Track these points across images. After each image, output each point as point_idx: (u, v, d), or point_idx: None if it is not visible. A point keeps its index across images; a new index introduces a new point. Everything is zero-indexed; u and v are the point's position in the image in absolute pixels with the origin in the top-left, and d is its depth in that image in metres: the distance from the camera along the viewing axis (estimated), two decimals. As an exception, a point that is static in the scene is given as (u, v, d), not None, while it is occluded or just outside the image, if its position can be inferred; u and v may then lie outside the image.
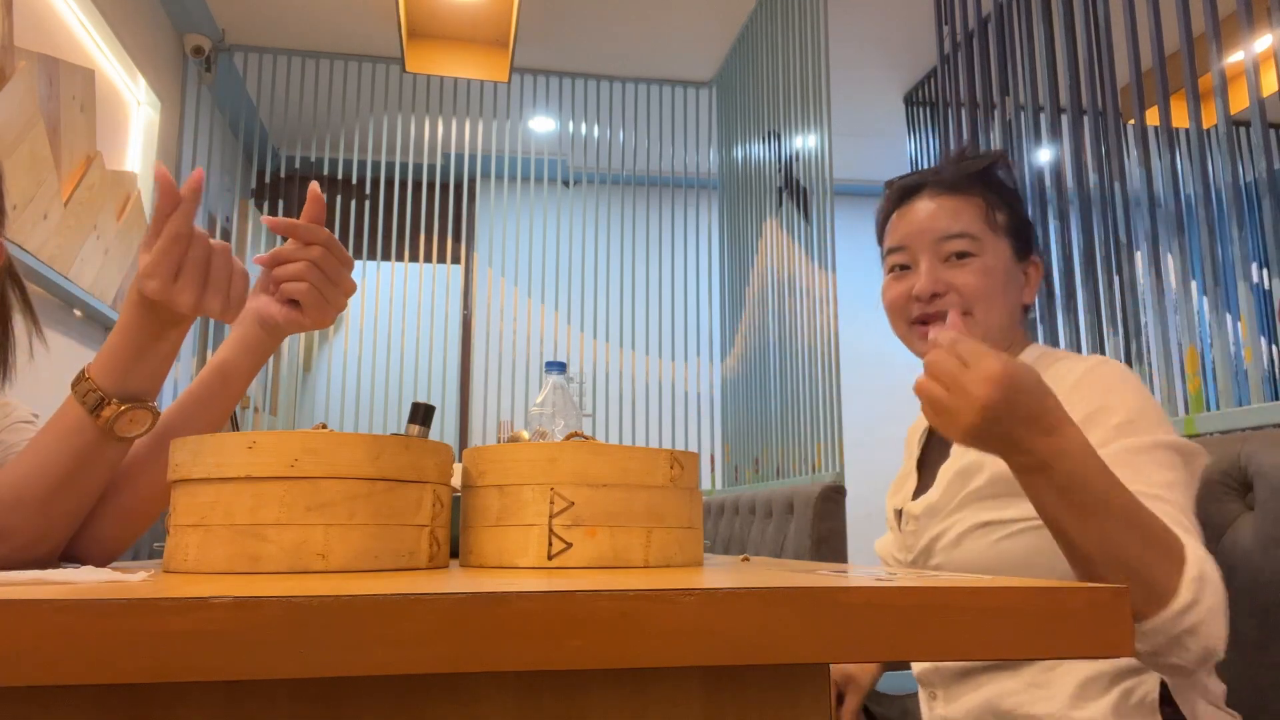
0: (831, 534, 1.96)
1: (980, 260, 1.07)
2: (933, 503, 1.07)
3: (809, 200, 3.02)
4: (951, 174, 1.13)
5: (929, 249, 1.09)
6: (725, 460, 3.94)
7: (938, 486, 1.07)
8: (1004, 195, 1.12)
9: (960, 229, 1.08)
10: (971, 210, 1.09)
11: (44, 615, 0.41)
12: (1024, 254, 1.12)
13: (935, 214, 1.10)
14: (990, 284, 1.07)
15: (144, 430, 0.86)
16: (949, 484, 1.05)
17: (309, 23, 3.69)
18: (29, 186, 2.29)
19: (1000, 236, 1.09)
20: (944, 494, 1.05)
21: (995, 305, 1.07)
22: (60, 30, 2.51)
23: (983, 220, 1.09)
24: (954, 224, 1.08)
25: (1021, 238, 1.11)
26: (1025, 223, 1.13)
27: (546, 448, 0.72)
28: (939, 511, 1.06)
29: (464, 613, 0.44)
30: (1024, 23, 2.44)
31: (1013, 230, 1.10)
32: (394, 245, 4.30)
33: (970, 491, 1.02)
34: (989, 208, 1.09)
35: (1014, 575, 0.66)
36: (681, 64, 4.04)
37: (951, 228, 1.08)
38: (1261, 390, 1.62)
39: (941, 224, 1.09)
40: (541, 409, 1.39)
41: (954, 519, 1.04)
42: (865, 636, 0.48)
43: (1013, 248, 1.10)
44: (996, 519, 0.99)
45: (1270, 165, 1.60)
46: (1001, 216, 1.10)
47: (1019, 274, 1.11)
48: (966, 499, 1.02)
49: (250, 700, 0.49)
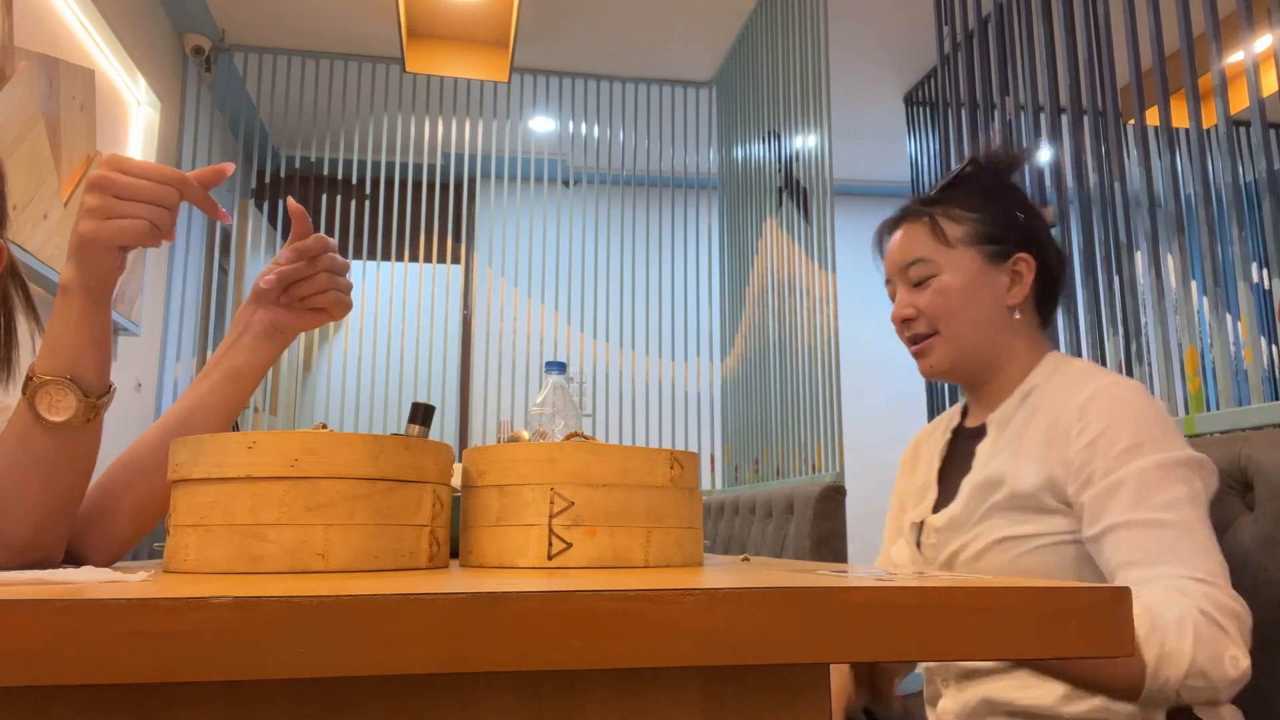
0: (831, 534, 1.96)
1: (938, 279, 1.11)
2: (955, 515, 1.07)
3: (809, 200, 3.02)
4: (914, 203, 1.18)
5: (901, 276, 1.16)
6: (725, 460, 3.94)
7: (960, 499, 1.07)
8: (970, 205, 1.13)
9: (914, 255, 1.13)
10: (921, 233, 1.14)
11: (44, 615, 0.41)
12: (1002, 256, 1.12)
13: (896, 244, 1.17)
14: (949, 300, 1.10)
15: (70, 414, 0.82)
16: (970, 496, 1.05)
17: (309, 23, 3.69)
18: (29, 186, 2.29)
19: (960, 248, 1.11)
20: (966, 506, 1.06)
21: (961, 318, 1.10)
22: (60, 30, 2.51)
23: (934, 240, 1.13)
24: (909, 251, 1.14)
25: (996, 241, 1.12)
26: (1004, 225, 1.13)
27: (546, 448, 0.72)
28: (962, 524, 1.06)
29: (464, 613, 0.44)
30: (1024, 23, 2.44)
31: (980, 237, 1.12)
32: (394, 245, 4.30)
33: (992, 504, 1.02)
34: (937, 226, 1.13)
35: None
36: (681, 64, 4.04)
37: (908, 255, 1.14)
38: (1261, 390, 1.62)
39: (900, 253, 1.16)
40: (541, 409, 1.39)
41: (976, 532, 1.04)
42: (865, 636, 0.48)
43: (983, 254, 1.12)
44: (1017, 534, 1.00)
45: (1270, 165, 1.60)
46: (960, 229, 1.12)
47: (997, 278, 1.12)
48: (988, 512, 1.03)
49: (250, 700, 0.49)
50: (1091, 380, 1.02)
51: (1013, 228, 1.14)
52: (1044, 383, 1.08)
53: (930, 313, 1.12)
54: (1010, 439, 1.06)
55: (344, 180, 4.19)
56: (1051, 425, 1.02)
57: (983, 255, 1.12)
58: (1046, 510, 1.00)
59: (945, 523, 1.08)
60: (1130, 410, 0.97)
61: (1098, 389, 1.00)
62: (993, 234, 1.12)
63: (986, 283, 1.11)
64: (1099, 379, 1.02)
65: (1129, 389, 1.00)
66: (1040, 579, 0.94)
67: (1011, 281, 1.12)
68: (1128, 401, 0.98)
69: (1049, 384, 1.08)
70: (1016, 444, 1.05)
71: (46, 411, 0.82)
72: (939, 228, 1.13)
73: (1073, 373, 1.07)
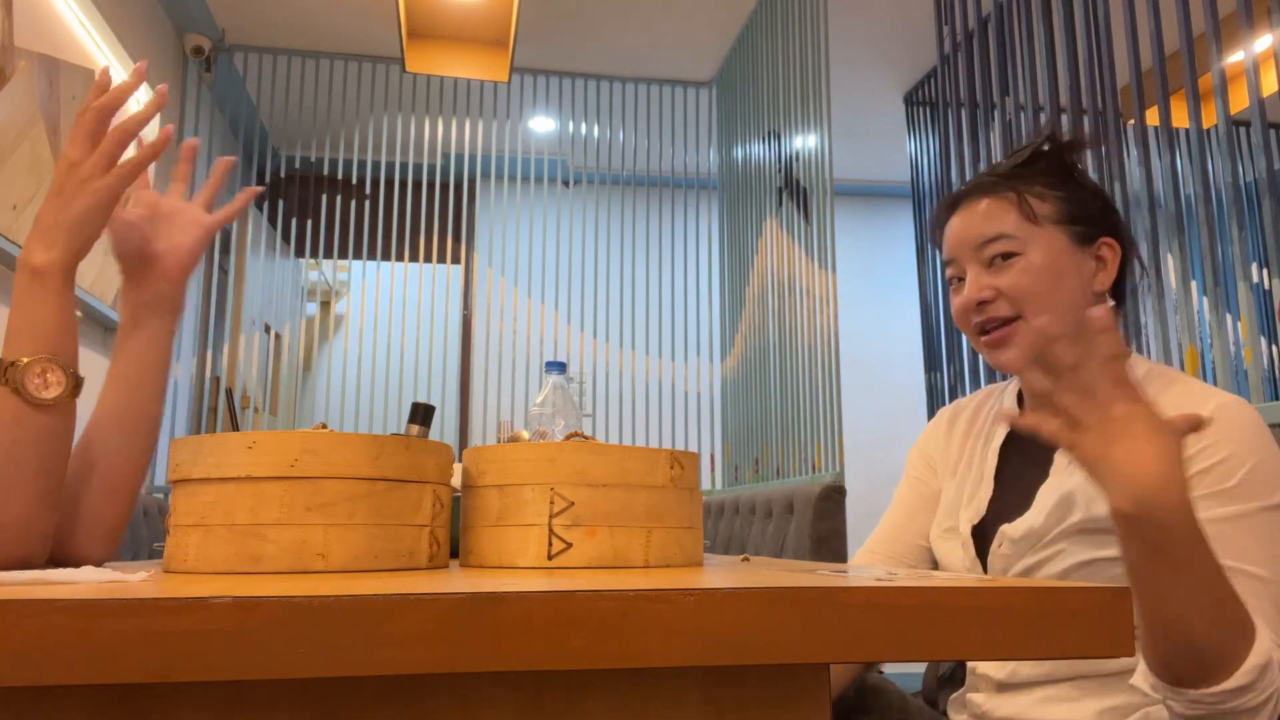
0: (831, 534, 1.96)
1: (1024, 258, 1.02)
2: (1034, 528, 0.99)
3: (809, 200, 3.02)
4: (988, 176, 1.09)
5: (972, 257, 1.06)
6: (725, 460, 3.94)
7: (1039, 510, 0.99)
8: (1052, 183, 1.06)
9: (995, 231, 1.04)
10: (1005, 209, 1.05)
11: (44, 615, 0.41)
12: (1089, 239, 1.05)
13: (971, 221, 1.07)
14: (1037, 281, 1.02)
15: (61, 389, 0.84)
16: (1052, 510, 0.98)
17: (309, 23, 3.69)
18: (29, 186, 2.29)
19: (1047, 227, 1.03)
20: (1047, 520, 0.98)
21: (1049, 302, 1.02)
22: (60, 30, 2.51)
23: (1019, 216, 1.04)
24: (989, 227, 1.05)
25: (1082, 222, 1.05)
26: (1087, 206, 1.06)
27: (546, 448, 0.72)
28: (1040, 539, 0.99)
29: (464, 613, 0.44)
30: (1024, 23, 2.44)
31: (1066, 217, 1.04)
32: (394, 245, 4.30)
33: (1075, 523, 0.96)
34: (1025, 202, 1.04)
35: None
36: (681, 64, 4.04)
37: (987, 231, 1.05)
38: (1261, 390, 1.62)
39: (976, 229, 1.06)
40: (541, 409, 1.39)
41: (1054, 550, 0.98)
42: (865, 636, 0.48)
43: (1070, 235, 1.04)
44: (1103, 556, 0.94)
45: (1270, 165, 1.60)
46: (1046, 206, 1.04)
47: (1084, 261, 1.04)
48: (1069, 530, 0.96)
49: (250, 700, 0.49)
50: (1207, 396, 0.94)
51: (1098, 210, 1.06)
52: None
53: (1013, 294, 1.02)
54: None
55: (344, 180, 4.19)
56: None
57: (1070, 236, 1.04)
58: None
59: (1023, 534, 1.00)
60: (1257, 440, 0.90)
61: (1221, 407, 0.92)
62: (1079, 215, 1.05)
63: (1074, 265, 1.03)
64: (1215, 396, 0.94)
65: (1249, 411, 0.92)
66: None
67: (1097, 266, 1.05)
68: (1255, 430, 0.90)
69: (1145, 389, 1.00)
70: None
71: (38, 391, 0.83)
72: (1026, 203, 1.04)
73: (1174, 380, 0.99)
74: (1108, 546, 0.94)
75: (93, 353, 2.81)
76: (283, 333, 4.52)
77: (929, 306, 3.26)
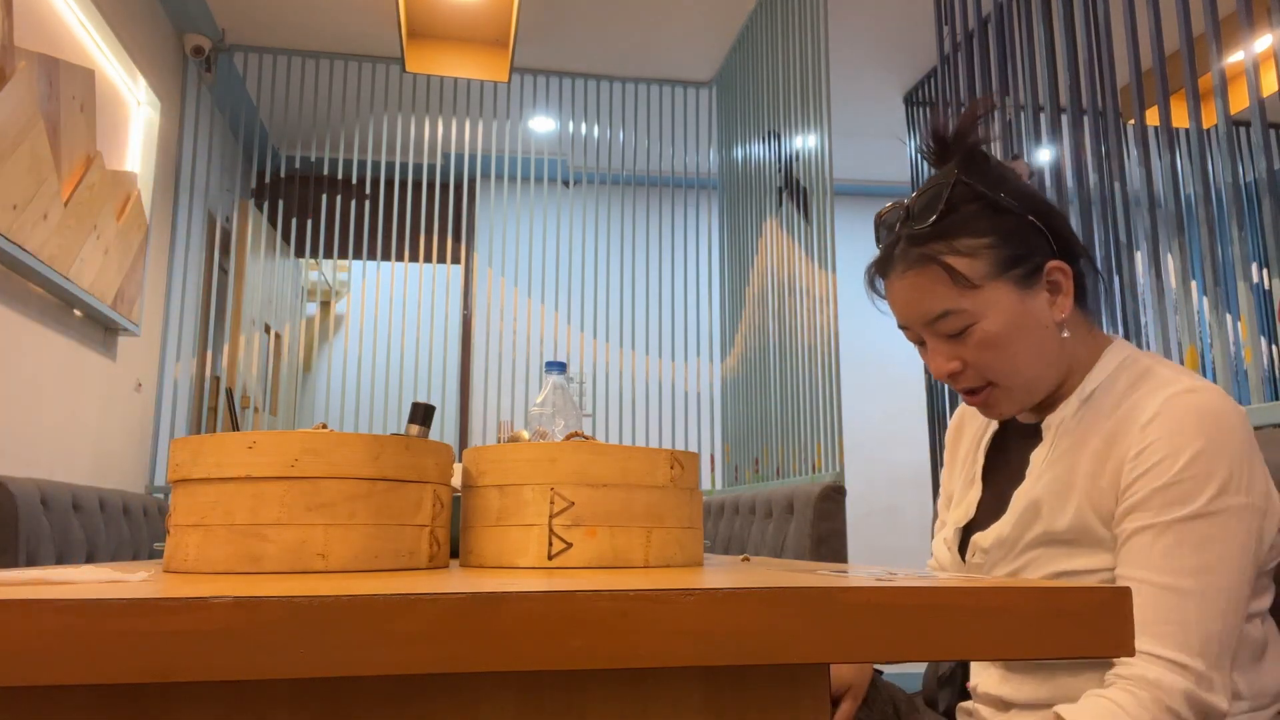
0: (831, 534, 1.96)
1: (978, 327, 0.95)
2: (1004, 537, 0.97)
3: (809, 200, 3.02)
4: (904, 243, 0.98)
5: (924, 330, 0.99)
6: (725, 460, 3.94)
7: (1010, 518, 0.98)
8: (974, 229, 0.95)
9: (939, 309, 0.96)
10: (936, 281, 0.95)
11: (44, 615, 0.41)
12: (1035, 271, 0.96)
13: (908, 298, 0.98)
14: (999, 351, 0.95)
15: None
16: (1020, 516, 0.96)
17: (309, 23, 3.69)
18: (29, 186, 2.29)
19: (989, 285, 0.94)
20: (1015, 528, 0.96)
21: (1016, 362, 0.95)
22: (60, 30, 2.51)
23: (955, 288, 0.94)
24: (929, 304, 0.96)
25: (1022, 261, 0.95)
26: (1020, 238, 0.96)
27: (546, 448, 0.72)
28: (1010, 549, 0.97)
29: (464, 613, 0.44)
30: (1024, 23, 2.44)
31: (1004, 264, 0.95)
32: (394, 245, 4.30)
33: (1044, 533, 0.94)
34: (954, 272, 0.94)
35: None
36: (681, 64, 4.04)
37: (929, 309, 0.96)
38: (1261, 390, 1.62)
39: (916, 308, 0.98)
40: (541, 409, 1.39)
41: (1024, 560, 0.96)
42: (865, 636, 0.48)
43: (1015, 282, 0.95)
44: (1072, 569, 0.92)
45: (1270, 165, 1.60)
46: (979, 264, 0.94)
47: (1037, 300, 0.96)
48: (1038, 540, 0.94)
49: (250, 700, 0.49)
50: (1160, 389, 0.90)
51: (1031, 232, 0.96)
52: (1107, 383, 0.97)
53: (979, 365, 0.96)
54: (1067, 451, 0.96)
55: (344, 180, 4.19)
56: (1110, 442, 0.92)
57: (1015, 283, 0.95)
58: (1092, 544, 0.92)
59: (992, 543, 0.99)
60: (1198, 438, 0.86)
61: (1166, 402, 0.88)
62: (1016, 254, 0.95)
63: (1029, 311, 0.95)
64: (1168, 387, 0.89)
65: (1199, 401, 0.87)
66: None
67: (1052, 296, 0.97)
68: (1197, 426, 0.86)
69: (1113, 386, 0.97)
70: (1070, 460, 0.95)
71: None
72: (954, 271, 0.94)
73: (1139, 375, 0.95)
74: (1078, 558, 0.92)
75: (93, 353, 2.81)
76: (283, 333, 4.52)
77: (929, 306, 3.26)
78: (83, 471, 2.77)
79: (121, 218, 2.91)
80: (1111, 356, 0.99)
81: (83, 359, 2.74)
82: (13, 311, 2.32)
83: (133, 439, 3.22)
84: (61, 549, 2.00)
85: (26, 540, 1.84)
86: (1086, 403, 0.97)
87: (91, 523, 2.16)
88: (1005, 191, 0.97)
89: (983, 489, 1.07)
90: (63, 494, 2.05)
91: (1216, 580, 0.83)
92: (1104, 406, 0.95)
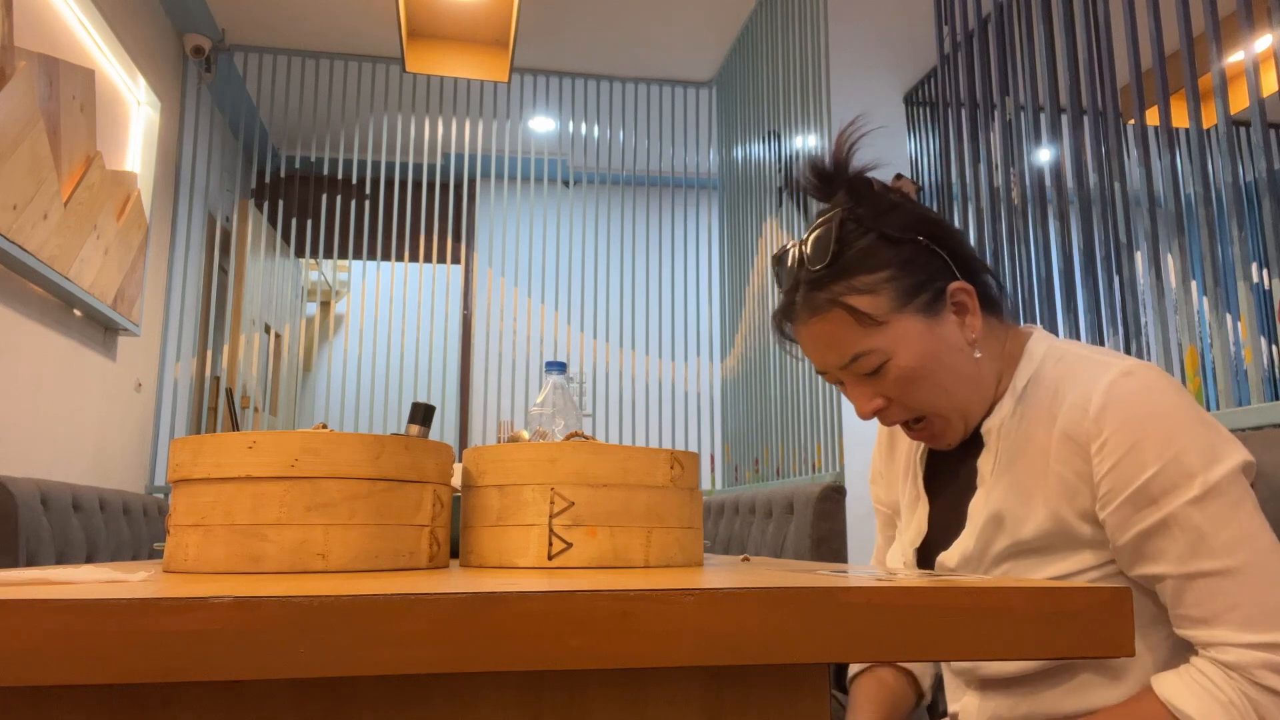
0: (831, 534, 1.96)
1: (892, 363, 0.93)
2: (969, 554, 0.95)
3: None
4: (802, 288, 0.96)
5: (841, 374, 0.97)
6: (725, 460, 3.94)
7: (971, 532, 0.95)
8: (870, 264, 0.93)
9: (849, 353, 0.94)
10: (841, 325, 0.93)
11: (44, 615, 0.41)
12: (939, 296, 0.94)
13: (816, 346, 0.96)
14: (917, 382, 0.93)
15: None
16: (982, 530, 0.94)
17: (309, 23, 3.69)
18: (29, 186, 2.29)
19: (894, 319, 0.93)
20: (979, 542, 0.94)
21: (940, 388, 0.94)
22: (60, 30, 2.51)
23: (859, 329, 0.93)
24: (840, 349, 0.94)
25: (923, 288, 0.94)
26: (916, 264, 0.94)
27: (546, 448, 0.72)
28: (978, 565, 0.95)
29: (464, 613, 0.44)
30: (1024, 23, 2.44)
31: (905, 294, 0.93)
32: (394, 245, 4.30)
33: (1011, 544, 0.92)
34: (856, 312, 0.92)
35: None
36: (681, 64, 4.04)
37: (840, 354, 0.94)
38: (1261, 390, 1.62)
39: (827, 356, 0.96)
40: (541, 409, 1.39)
41: (998, 571, 0.94)
42: (865, 636, 0.48)
43: (919, 310, 0.93)
44: (1050, 576, 0.90)
45: (1270, 165, 1.60)
46: (881, 300, 0.92)
47: (946, 324, 0.94)
48: (1006, 553, 0.92)
49: (250, 700, 0.49)
50: (1096, 375, 0.88)
51: (926, 256, 0.95)
52: (1037, 376, 0.95)
53: (904, 400, 0.95)
54: (1015, 455, 0.94)
55: (344, 180, 4.19)
56: (1063, 439, 0.89)
57: (920, 311, 0.93)
58: (1070, 546, 0.90)
59: (959, 562, 0.96)
60: (1155, 419, 0.84)
61: (1109, 388, 0.86)
62: (915, 282, 0.93)
63: (940, 337, 0.94)
64: (1106, 372, 0.88)
65: (1142, 382, 0.86)
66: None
67: (960, 316, 0.95)
68: (1150, 407, 0.85)
69: (1044, 378, 0.95)
70: (1023, 463, 0.93)
71: None
72: (858, 312, 0.92)
73: (1071, 363, 0.93)
74: (1051, 565, 0.90)
75: (93, 353, 2.81)
76: (283, 333, 4.52)
77: (929, 306, 3.26)
78: (83, 471, 2.77)
79: (121, 218, 2.91)
80: (1035, 348, 0.97)
81: (83, 359, 2.74)
82: (13, 311, 2.32)
83: (133, 439, 3.22)
84: (61, 549, 2.00)
85: (26, 540, 1.84)
86: (1021, 400, 0.95)
87: (91, 523, 2.16)
88: (895, 219, 0.96)
89: (929, 502, 1.04)
90: (63, 494, 2.05)
91: (1254, 545, 0.81)
92: (1041, 400, 0.93)
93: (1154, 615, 0.88)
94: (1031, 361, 0.96)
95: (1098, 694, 0.89)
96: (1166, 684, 0.82)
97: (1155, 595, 0.87)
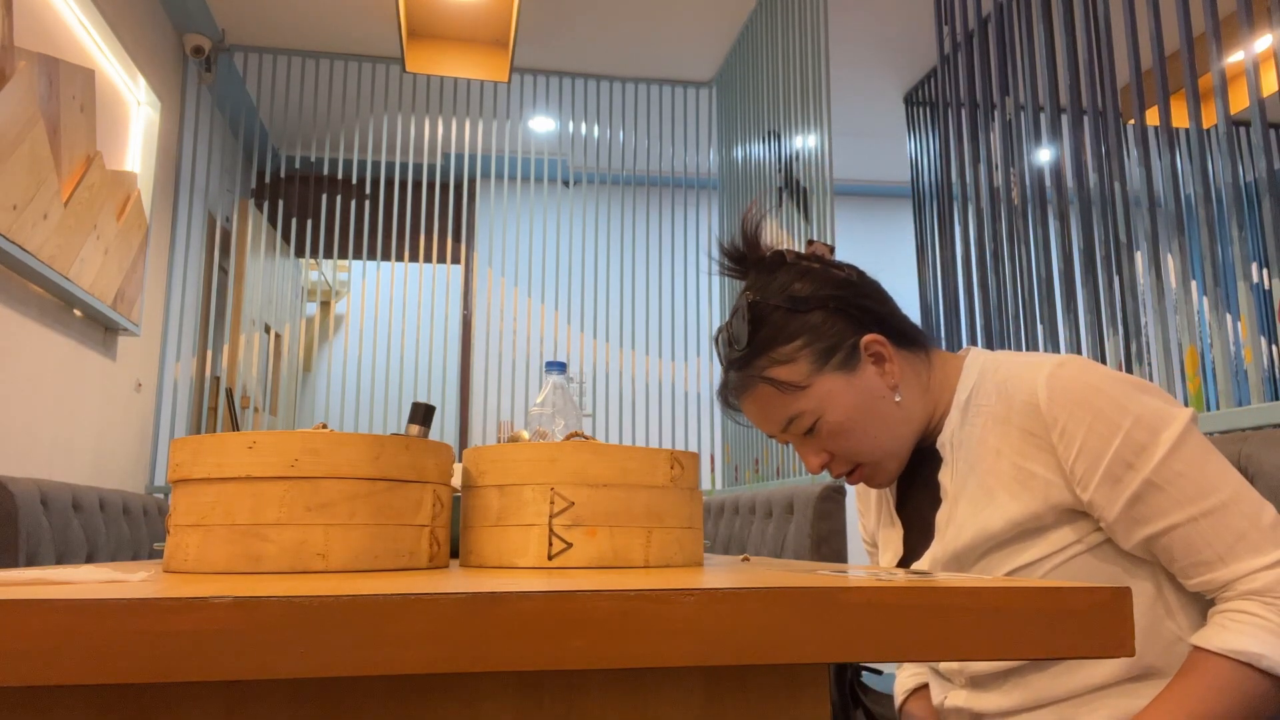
0: (831, 534, 1.96)
1: (822, 421, 1.00)
2: (938, 557, 0.99)
3: (809, 200, 3.02)
4: (733, 368, 1.05)
5: (785, 436, 1.05)
6: (725, 460, 3.94)
7: (939, 542, 0.99)
8: (783, 336, 1.01)
9: (782, 419, 1.02)
10: (769, 397, 1.02)
11: (44, 615, 0.41)
12: (854, 352, 1.01)
13: (756, 416, 1.06)
14: (848, 435, 1.00)
15: None
16: (951, 537, 0.98)
17: (309, 23, 3.69)
18: (29, 186, 2.29)
19: (816, 381, 1.00)
20: (947, 548, 0.98)
21: (869, 437, 1.01)
22: (60, 30, 2.51)
23: (784, 397, 1.01)
24: (774, 416, 1.03)
25: (836, 350, 1.01)
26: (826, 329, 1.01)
27: (546, 448, 0.72)
28: (958, 565, 0.98)
29: (464, 613, 0.44)
30: (1024, 23, 2.44)
31: (820, 358, 1.00)
32: (394, 245, 4.30)
33: (981, 541, 0.95)
34: (779, 383, 1.01)
35: None
36: (681, 64, 4.04)
37: (775, 421, 1.03)
38: (1261, 390, 1.62)
39: (768, 423, 1.04)
40: (541, 409, 1.39)
41: (976, 569, 0.97)
42: (865, 636, 0.48)
43: (837, 368, 1.00)
44: (1025, 562, 0.94)
45: (1270, 165, 1.60)
46: (799, 368, 1.00)
47: (866, 375, 1.01)
48: (977, 551, 0.96)
49: (250, 700, 0.49)
50: (1035, 373, 0.94)
51: (838, 321, 1.02)
52: (978, 386, 1.01)
53: (842, 452, 1.02)
54: (972, 461, 0.98)
55: (344, 180, 4.19)
56: (1023, 435, 0.94)
57: (838, 369, 1.00)
58: (1041, 530, 0.93)
59: (929, 566, 1.00)
60: (1100, 394, 0.90)
61: (1050, 381, 0.92)
62: (828, 345, 1.01)
63: (861, 389, 1.00)
64: (1041, 369, 0.94)
65: (1076, 367, 0.93)
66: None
67: (878, 367, 1.02)
68: (1092, 386, 0.91)
69: (984, 386, 1.00)
70: (982, 468, 0.97)
71: None
72: (780, 383, 1.00)
73: (1008, 369, 0.99)
74: (1025, 552, 0.94)
75: (93, 353, 2.81)
76: (283, 333, 4.52)
77: (929, 307, 3.26)
78: (83, 471, 2.77)
79: (121, 218, 2.91)
80: (972, 364, 1.03)
81: (83, 359, 2.74)
82: (13, 311, 2.32)
83: (133, 439, 3.22)
84: (61, 549, 2.00)
85: (26, 540, 1.84)
86: (966, 410, 1.01)
87: (91, 523, 2.16)
88: (804, 288, 1.03)
89: (904, 527, 1.09)
90: (63, 494, 2.05)
91: (1232, 478, 0.87)
92: (986, 406, 0.99)
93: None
94: (969, 376, 1.03)
95: (1086, 670, 0.92)
96: (1214, 636, 0.84)
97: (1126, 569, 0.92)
